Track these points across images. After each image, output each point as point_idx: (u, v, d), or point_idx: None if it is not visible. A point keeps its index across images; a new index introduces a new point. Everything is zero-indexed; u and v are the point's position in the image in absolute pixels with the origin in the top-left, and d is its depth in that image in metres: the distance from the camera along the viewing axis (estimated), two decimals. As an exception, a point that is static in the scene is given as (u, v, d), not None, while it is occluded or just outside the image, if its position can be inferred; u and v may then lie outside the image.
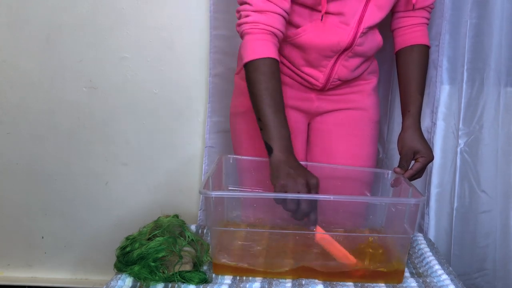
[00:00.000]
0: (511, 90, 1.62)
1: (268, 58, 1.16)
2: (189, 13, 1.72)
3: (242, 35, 1.21)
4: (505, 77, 1.60)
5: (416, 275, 1.19)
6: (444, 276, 1.15)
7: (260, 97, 1.16)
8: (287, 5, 1.19)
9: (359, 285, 1.10)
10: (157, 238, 1.12)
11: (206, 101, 1.74)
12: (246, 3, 1.19)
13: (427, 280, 1.14)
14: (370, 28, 1.28)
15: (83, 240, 1.92)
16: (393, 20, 1.40)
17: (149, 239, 1.14)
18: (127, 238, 1.16)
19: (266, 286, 1.09)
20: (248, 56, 1.17)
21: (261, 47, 1.17)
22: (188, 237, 1.17)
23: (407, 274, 1.18)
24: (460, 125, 1.62)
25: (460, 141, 1.62)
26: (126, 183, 1.87)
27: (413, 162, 1.29)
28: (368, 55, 1.34)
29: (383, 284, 1.12)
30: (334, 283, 1.10)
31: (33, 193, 1.89)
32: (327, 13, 1.22)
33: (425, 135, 1.42)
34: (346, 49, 1.27)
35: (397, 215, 1.16)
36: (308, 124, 1.46)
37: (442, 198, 1.69)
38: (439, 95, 1.63)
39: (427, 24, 1.39)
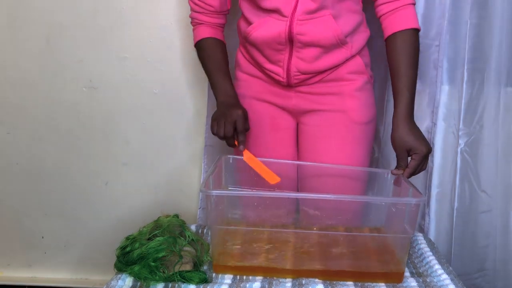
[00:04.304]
0: (511, 90, 1.62)
1: (203, 38, 1.42)
2: (189, 13, 1.72)
3: None
4: (505, 77, 1.60)
5: (416, 275, 1.19)
6: (444, 276, 1.15)
7: (204, 66, 1.43)
8: (211, 8, 1.40)
9: (359, 285, 1.10)
10: (157, 238, 1.12)
11: (206, 101, 1.74)
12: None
13: (427, 280, 1.14)
14: (310, 14, 1.26)
15: (83, 240, 1.92)
16: (375, 9, 1.32)
17: (149, 239, 1.13)
18: (127, 238, 1.16)
19: (266, 285, 1.09)
20: (193, 43, 1.45)
21: (197, 34, 1.44)
22: (188, 237, 1.17)
23: (407, 274, 1.18)
24: (460, 125, 1.61)
25: (460, 141, 1.62)
26: (126, 183, 1.86)
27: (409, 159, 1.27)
28: (323, 45, 1.29)
29: (383, 284, 1.12)
30: (334, 282, 1.10)
31: (33, 193, 1.88)
32: (268, 10, 1.29)
33: (425, 135, 1.36)
34: (291, 40, 1.29)
35: (397, 215, 1.16)
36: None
37: (442, 198, 1.68)
38: (439, 95, 1.63)
39: (413, 4, 1.28)
